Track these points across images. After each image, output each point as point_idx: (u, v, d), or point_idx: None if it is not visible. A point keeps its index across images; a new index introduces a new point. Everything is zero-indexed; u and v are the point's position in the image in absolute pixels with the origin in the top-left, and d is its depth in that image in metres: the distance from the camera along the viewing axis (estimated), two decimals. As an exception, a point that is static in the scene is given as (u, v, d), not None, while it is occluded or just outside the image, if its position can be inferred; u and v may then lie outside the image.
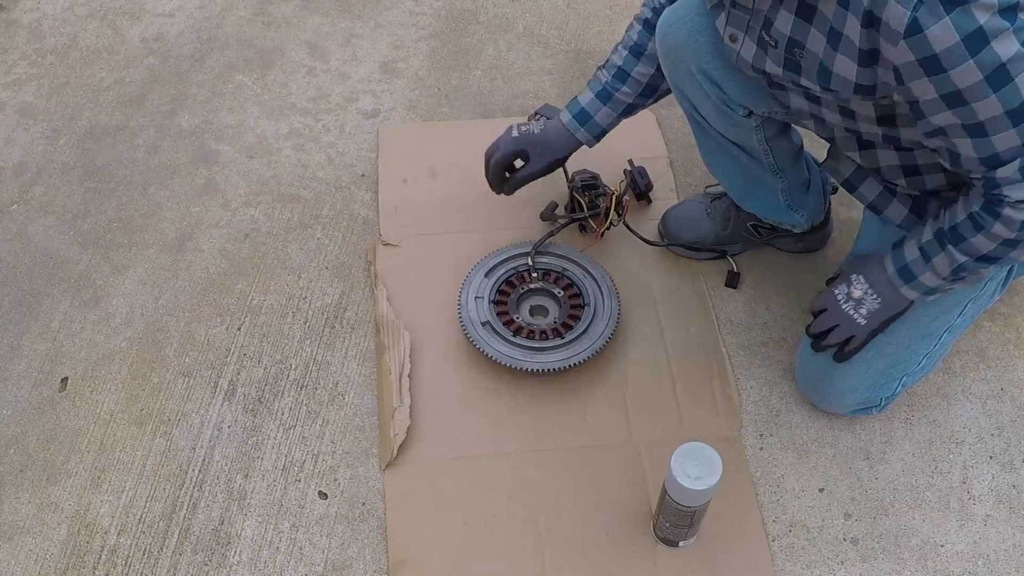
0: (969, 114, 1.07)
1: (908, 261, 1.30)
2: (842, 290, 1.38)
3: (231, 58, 2.05)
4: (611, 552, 1.36)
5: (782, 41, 1.17)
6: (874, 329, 1.38)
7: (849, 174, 1.41)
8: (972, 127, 1.08)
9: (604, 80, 1.51)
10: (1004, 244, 1.19)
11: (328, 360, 1.57)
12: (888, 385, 1.42)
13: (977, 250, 1.21)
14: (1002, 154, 1.10)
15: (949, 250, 1.24)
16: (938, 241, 1.25)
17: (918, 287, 1.31)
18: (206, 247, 1.73)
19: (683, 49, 1.36)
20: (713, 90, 1.39)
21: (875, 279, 1.35)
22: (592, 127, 1.53)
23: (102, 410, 1.52)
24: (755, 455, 1.47)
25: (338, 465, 1.46)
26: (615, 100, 1.51)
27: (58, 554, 1.37)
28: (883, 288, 1.34)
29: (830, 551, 1.38)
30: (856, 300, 1.37)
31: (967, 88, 1.04)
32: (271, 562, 1.37)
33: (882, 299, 1.35)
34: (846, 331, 1.38)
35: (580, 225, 1.71)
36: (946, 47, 1.00)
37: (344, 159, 1.87)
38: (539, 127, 1.56)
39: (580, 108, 1.53)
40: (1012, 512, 1.42)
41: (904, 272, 1.31)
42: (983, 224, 1.18)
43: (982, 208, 1.17)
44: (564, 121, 1.54)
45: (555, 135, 1.55)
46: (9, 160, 1.87)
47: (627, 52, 1.49)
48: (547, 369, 1.48)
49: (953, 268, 1.25)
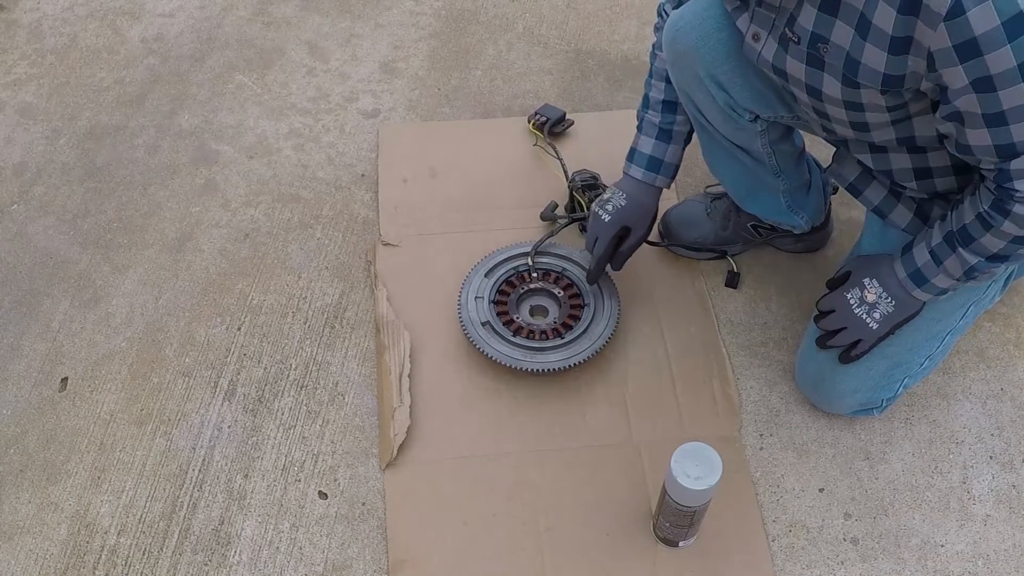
0: (993, 102, 1.06)
1: (919, 265, 1.30)
2: (855, 293, 1.37)
3: (231, 58, 2.05)
4: (611, 552, 1.36)
5: (805, 37, 1.17)
6: (882, 334, 1.38)
7: (854, 178, 1.41)
8: (993, 116, 1.08)
9: (656, 120, 1.49)
10: (1014, 241, 1.19)
11: (328, 360, 1.57)
12: (889, 387, 1.42)
13: (987, 250, 1.21)
14: (1018, 145, 1.09)
15: (960, 252, 1.24)
16: (948, 243, 1.25)
17: (931, 289, 1.31)
18: (206, 247, 1.73)
19: (692, 54, 1.36)
20: (721, 95, 1.38)
21: (888, 283, 1.35)
22: (667, 169, 1.52)
23: (102, 410, 1.52)
24: (755, 455, 1.47)
25: (338, 465, 1.46)
26: (676, 134, 1.50)
27: (58, 554, 1.37)
28: (896, 291, 1.34)
29: (830, 551, 1.38)
30: (870, 304, 1.36)
31: (998, 74, 1.03)
32: (271, 562, 1.37)
33: (896, 302, 1.34)
34: (855, 334, 1.38)
35: (580, 225, 1.71)
36: (985, 31, 1.00)
37: (344, 159, 1.87)
38: (620, 197, 1.52)
39: (647, 157, 1.51)
40: (1012, 512, 1.42)
41: (916, 276, 1.31)
42: (992, 223, 1.18)
43: (991, 206, 1.17)
44: (638, 177, 1.52)
45: (642, 195, 1.52)
46: (9, 160, 1.87)
47: (664, 83, 1.47)
48: (547, 369, 1.48)
49: (965, 269, 1.25)
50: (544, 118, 1.86)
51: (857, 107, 1.20)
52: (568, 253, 1.62)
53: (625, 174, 1.54)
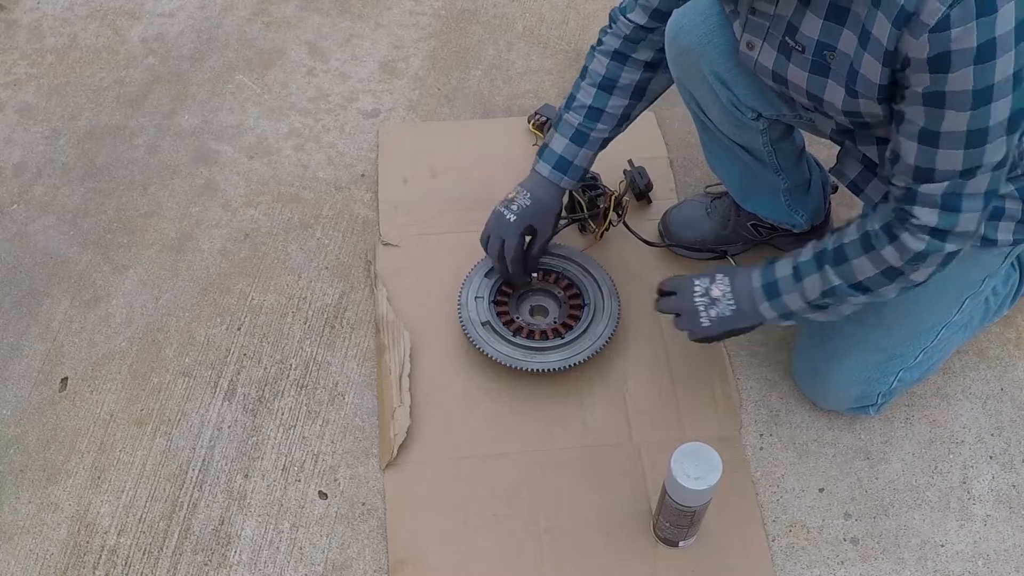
0: (935, 120, 1.07)
1: (778, 277, 1.29)
2: (703, 282, 1.36)
3: (231, 58, 2.05)
4: (611, 552, 1.37)
5: (810, 46, 1.16)
6: (711, 336, 1.36)
7: (855, 176, 1.41)
8: (928, 134, 1.09)
9: (576, 122, 1.46)
10: (884, 273, 1.19)
11: (328, 360, 1.57)
12: (883, 380, 1.42)
13: (855, 275, 1.21)
14: (937, 172, 1.10)
15: (826, 270, 1.23)
16: (816, 260, 1.25)
17: (778, 307, 1.30)
18: (206, 247, 1.73)
19: (695, 51, 1.35)
20: (724, 92, 1.38)
21: (739, 286, 1.33)
22: (574, 171, 1.49)
23: (102, 410, 1.52)
24: (755, 455, 1.47)
25: (338, 465, 1.46)
26: (592, 140, 1.47)
27: (58, 554, 1.37)
28: (743, 298, 1.32)
29: (830, 551, 1.38)
30: (712, 299, 1.34)
31: (952, 93, 1.05)
32: (271, 562, 1.37)
33: (737, 308, 1.33)
34: (686, 324, 1.37)
35: (580, 225, 1.71)
36: (959, 48, 1.01)
37: (344, 159, 1.87)
38: (524, 197, 1.50)
39: (557, 156, 1.48)
40: (1012, 512, 1.42)
41: (769, 288, 1.30)
42: (875, 244, 1.18)
43: (882, 227, 1.18)
44: (545, 174, 1.49)
45: (545, 195, 1.50)
46: (9, 160, 1.87)
47: (596, 88, 1.44)
48: (547, 369, 1.48)
49: (823, 291, 1.24)
50: (544, 118, 1.86)
51: (856, 114, 1.20)
52: (568, 253, 1.62)
53: (533, 170, 1.52)
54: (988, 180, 1.11)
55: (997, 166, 1.10)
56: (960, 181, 1.10)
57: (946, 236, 1.14)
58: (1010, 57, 1.01)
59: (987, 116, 1.05)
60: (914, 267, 1.17)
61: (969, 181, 1.10)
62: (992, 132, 1.07)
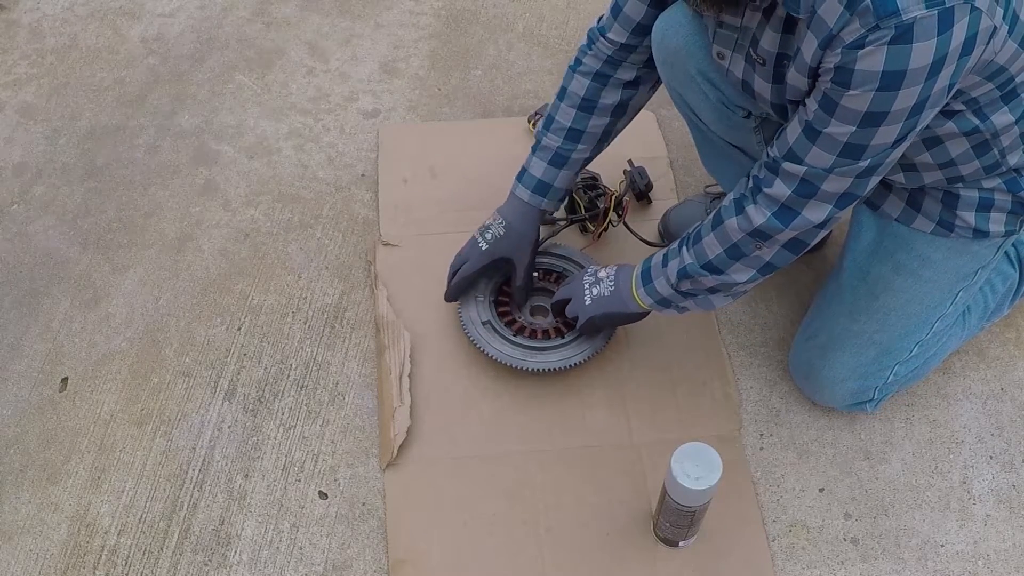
0: (821, 121, 1.10)
1: (652, 264, 1.34)
2: (595, 268, 1.42)
3: (231, 58, 2.05)
4: (611, 552, 1.37)
5: (770, 59, 1.18)
6: (597, 325, 1.41)
7: None
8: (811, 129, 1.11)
9: (555, 145, 1.45)
10: (728, 252, 1.22)
11: (328, 360, 1.57)
12: (879, 374, 1.42)
13: (705, 254, 1.25)
14: (806, 160, 1.13)
15: (683, 251, 1.27)
16: (680, 244, 1.29)
17: (652, 292, 1.34)
18: (206, 247, 1.73)
19: (682, 52, 1.36)
20: (713, 92, 1.38)
21: (623, 270, 1.39)
22: (554, 193, 1.48)
23: (102, 410, 1.52)
24: (755, 455, 1.47)
25: (338, 465, 1.46)
26: (572, 161, 1.46)
27: (58, 554, 1.37)
28: (623, 281, 1.38)
29: (830, 551, 1.38)
30: (598, 279, 1.40)
31: (845, 108, 1.06)
32: (271, 562, 1.37)
33: (615, 290, 1.38)
34: (573, 307, 1.43)
35: (580, 225, 1.71)
36: (867, 70, 1.02)
37: (344, 159, 1.87)
38: (499, 226, 1.48)
39: (536, 180, 1.47)
40: (1012, 512, 1.42)
41: (644, 274, 1.35)
42: (723, 217, 1.22)
43: (733, 200, 1.22)
44: (525, 199, 1.48)
45: (521, 223, 1.49)
46: (9, 160, 1.87)
47: (576, 110, 1.42)
48: (547, 369, 1.48)
49: (678, 271, 1.28)
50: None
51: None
52: (568, 253, 1.62)
53: (512, 193, 1.50)
54: (850, 183, 1.14)
55: (864, 172, 1.13)
56: (823, 173, 1.13)
57: (790, 219, 1.17)
58: (915, 91, 1.03)
59: (870, 136, 1.08)
60: (756, 244, 1.21)
61: (831, 176, 1.13)
62: (871, 149, 1.10)
